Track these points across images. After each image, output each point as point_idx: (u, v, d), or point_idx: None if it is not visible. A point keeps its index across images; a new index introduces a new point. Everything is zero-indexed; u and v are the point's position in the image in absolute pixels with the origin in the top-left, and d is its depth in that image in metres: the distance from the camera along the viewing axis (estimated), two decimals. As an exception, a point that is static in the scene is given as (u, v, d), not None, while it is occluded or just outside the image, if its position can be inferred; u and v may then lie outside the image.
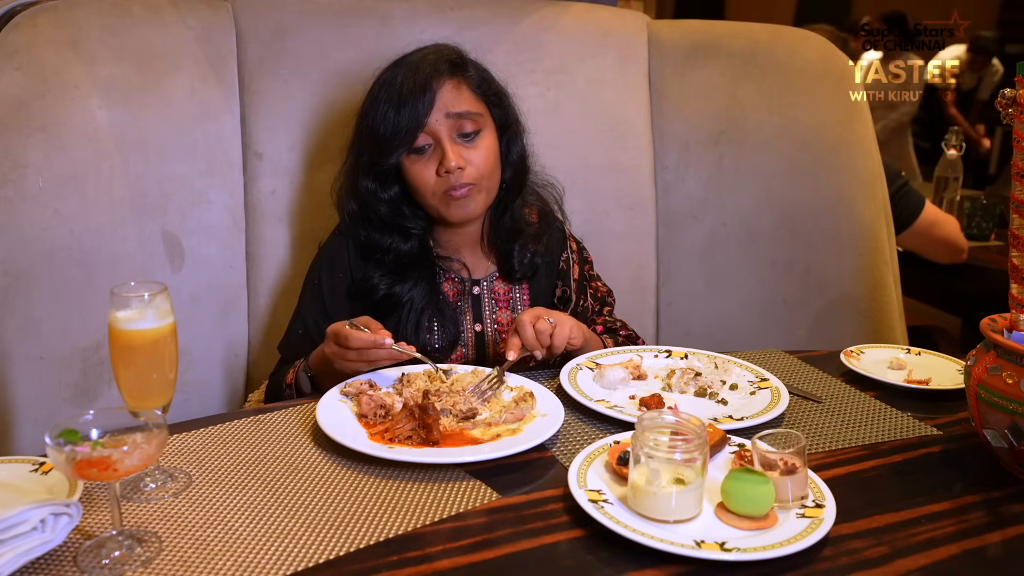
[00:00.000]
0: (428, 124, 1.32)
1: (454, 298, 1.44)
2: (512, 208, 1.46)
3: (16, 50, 1.39)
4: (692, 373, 1.26)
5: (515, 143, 1.45)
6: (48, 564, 0.80)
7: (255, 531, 0.85)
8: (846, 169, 1.82)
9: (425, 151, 1.34)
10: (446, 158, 1.31)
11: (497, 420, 1.11)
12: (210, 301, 1.59)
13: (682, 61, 1.84)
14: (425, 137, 1.33)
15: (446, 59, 1.35)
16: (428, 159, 1.34)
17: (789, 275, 1.83)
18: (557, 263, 1.51)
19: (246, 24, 1.62)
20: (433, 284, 1.41)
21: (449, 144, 1.32)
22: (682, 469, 0.86)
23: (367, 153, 1.36)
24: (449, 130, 1.33)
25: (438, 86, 1.32)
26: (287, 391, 1.33)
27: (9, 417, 1.35)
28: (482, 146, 1.36)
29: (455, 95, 1.33)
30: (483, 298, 1.45)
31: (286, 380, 1.34)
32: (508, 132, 1.43)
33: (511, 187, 1.45)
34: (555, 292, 1.50)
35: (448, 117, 1.32)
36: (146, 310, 0.94)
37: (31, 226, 1.35)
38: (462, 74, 1.36)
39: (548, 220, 1.52)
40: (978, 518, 0.92)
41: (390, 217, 1.39)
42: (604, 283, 1.58)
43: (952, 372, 1.32)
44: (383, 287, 1.38)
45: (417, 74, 1.32)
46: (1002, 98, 0.99)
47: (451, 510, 0.90)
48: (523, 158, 1.47)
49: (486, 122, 1.38)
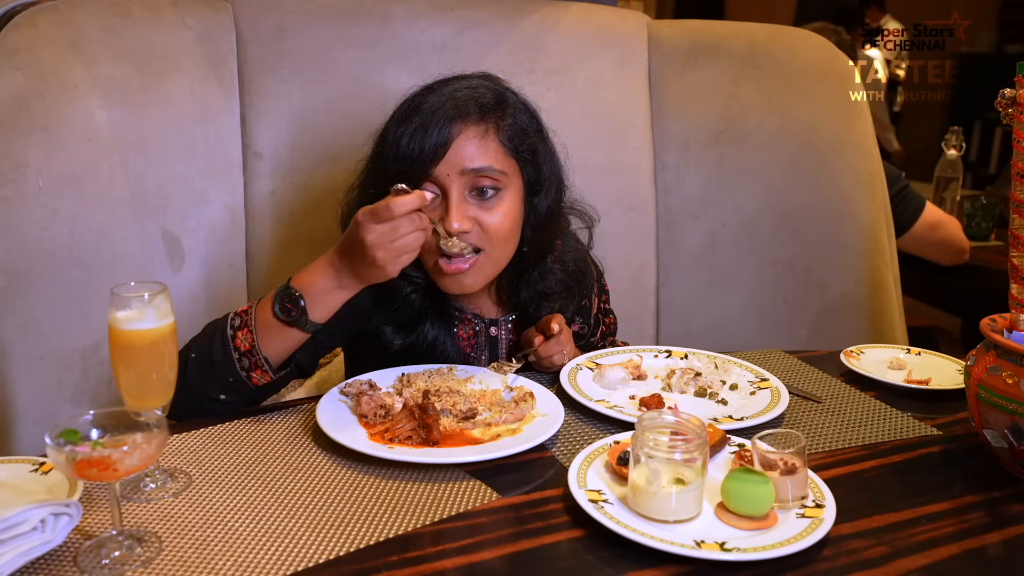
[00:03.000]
0: (436, 176, 1.14)
1: (467, 341, 1.32)
2: (536, 270, 1.28)
3: (16, 50, 1.39)
4: (692, 373, 1.26)
5: (543, 203, 1.24)
6: (48, 564, 0.80)
7: (255, 531, 0.85)
8: (846, 169, 1.82)
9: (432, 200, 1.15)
10: (447, 218, 1.14)
11: (497, 420, 1.11)
12: (210, 301, 1.59)
13: (682, 61, 1.84)
14: (431, 186, 1.15)
15: (478, 100, 1.16)
16: (431, 209, 1.14)
17: (789, 275, 1.83)
18: (580, 301, 1.40)
19: (246, 24, 1.62)
20: (449, 331, 1.28)
21: (456, 202, 1.14)
22: (682, 469, 0.86)
23: (372, 186, 1.20)
24: (461, 186, 1.15)
25: (458, 132, 1.14)
26: (235, 320, 1.12)
27: (9, 417, 1.35)
28: (498, 210, 1.17)
29: (477, 147, 1.15)
30: (500, 339, 1.34)
31: (236, 310, 1.14)
32: (539, 194, 1.24)
33: (529, 251, 1.25)
34: (573, 327, 1.38)
35: (463, 174, 1.14)
36: (146, 310, 0.94)
37: (31, 226, 1.35)
38: (494, 120, 1.17)
39: (581, 272, 1.35)
40: (978, 518, 0.92)
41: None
42: (612, 311, 1.52)
43: (952, 372, 1.32)
44: (397, 341, 1.25)
45: (439, 111, 1.14)
46: (1002, 98, 0.99)
47: (451, 510, 0.90)
48: (553, 217, 1.26)
49: (510, 182, 1.18)
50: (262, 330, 1.11)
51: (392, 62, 1.66)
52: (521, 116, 1.21)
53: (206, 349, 1.12)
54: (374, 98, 1.49)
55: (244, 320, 1.12)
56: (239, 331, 1.12)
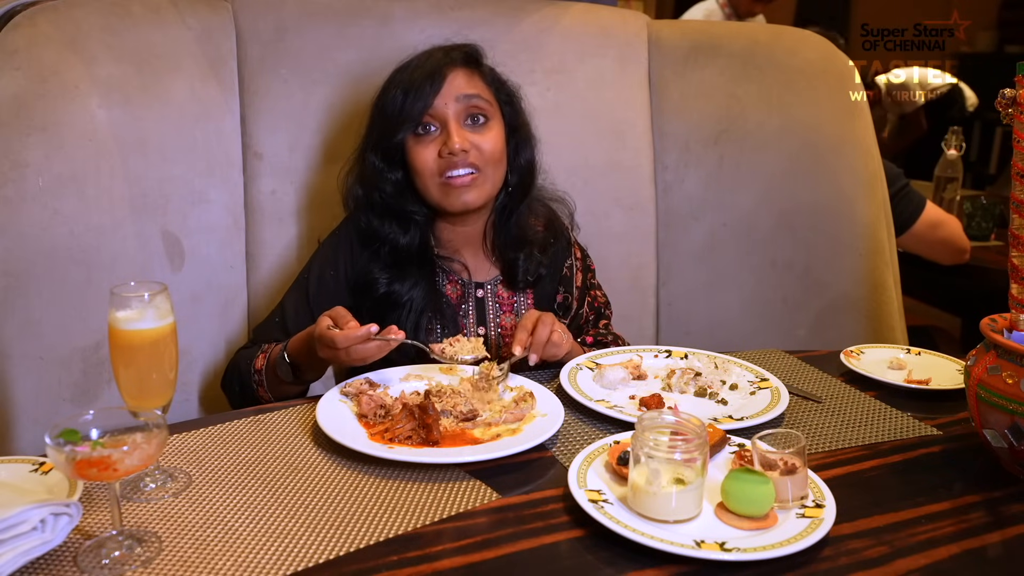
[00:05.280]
0: (435, 106, 1.32)
1: (456, 300, 1.42)
2: (517, 215, 1.44)
3: (16, 50, 1.39)
4: (692, 373, 1.26)
5: (523, 149, 1.43)
6: (48, 564, 0.80)
7: (255, 531, 0.85)
8: (846, 169, 1.82)
9: (431, 133, 1.33)
10: (450, 139, 1.31)
11: (497, 420, 1.11)
12: (210, 301, 1.59)
13: (682, 61, 1.84)
14: (432, 119, 1.33)
15: (462, 51, 1.37)
16: (432, 141, 1.33)
17: (789, 275, 1.83)
18: (561, 269, 1.49)
19: (246, 24, 1.62)
20: (433, 284, 1.39)
21: (455, 126, 1.32)
22: (682, 469, 0.86)
23: (376, 132, 1.37)
24: (457, 113, 1.33)
25: (449, 71, 1.33)
26: (255, 376, 1.33)
27: (9, 417, 1.35)
28: (489, 134, 1.35)
29: (466, 80, 1.34)
30: (487, 301, 1.44)
31: (255, 365, 1.33)
32: (517, 135, 1.42)
33: (516, 192, 1.44)
34: (556, 297, 1.48)
35: (457, 101, 1.32)
36: (146, 310, 0.94)
37: (31, 226, 1.35)
38: (476, 66, 1.38)
39: (555, 230, 1.50)
40: (978, 518, 0.92)
41: (393, 200, 1.38)
42: (604, 293, 1.57)
43: (952, 372, 1.32)
44: (383, 283, 1.37)
45: (430, 59, 1.34)
46: (1002, 98, 0.99)
47: (451, 510, 0.90)
48: (531, 165, 1.45)
49: (495, 113, 1.37)
50: (273, 384, 1.32)
51: (392, 62, 1.65)
52: (496, 71, 1.42)
53: (240, 388, 1.37)
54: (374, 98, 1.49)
55: (260, 379, 1.33)
56: (259, 387, 1.33)
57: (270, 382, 1.32)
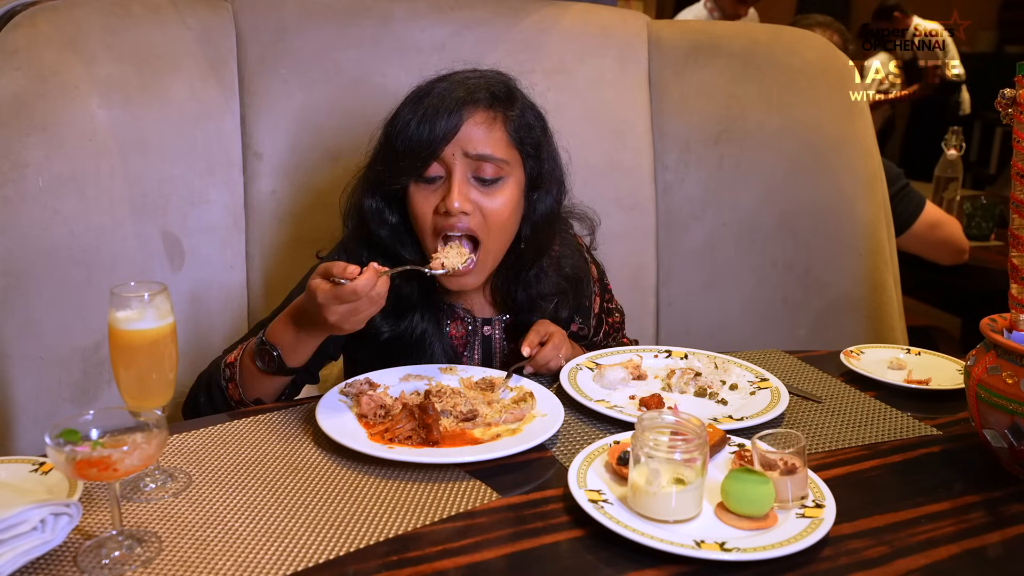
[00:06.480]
0: (443, 156, 1.17)
1: (460, 340, 1.32)
2: (528, 277, 1.29)
3: (16, 50, 1.39)
4: (692, 373, 1.26)
5: (543, 201, 1.26)
6: (48, 564, 0.80)
7: (255, 531, 0.85)
8: (846, 169, 1.82)
9: (435, 182, 1.19)
10: (449, 196, 1.16)
11: (497, 420, 1.11)
12: (210, 301, 1.59)
13: (682, 61, 1.84)
14: (438, 168, 1.18)
15: (488, 88, 1.19)
16: (434, 191, 1.19)
17: (789, 275, 1.83)
18: (581, 303, 1.39)
19: (246, 24, 1.62)
20: (438, 325, 1.29)
21: (459, 182, 1.17)
22: (682, 469, 0.86)
23: (379, 164, 1.23)
24: (465, 168, 1.18)
25: (468, 115, 1.17)
26: (225, 372, 1.20)
27: (9, 417, 1.35)
28: (499, 196, 1.20)
29: (483, 133, 1.18)
30: (493, 339, 1.34)
31: (226, 360, 1.21)
32: (539, 190, 1.26)
33: (528, 247, 1.27)
34: (571, 327, 1.39)
35: (467, 156, 1.17)
36: (146, 310, 0.94)
37: (31, 226, 1.35)
38: (501, 110, 1.20)
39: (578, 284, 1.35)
40: (978, 518, 0.92)
41: (390, 243, 1.25)
42: (619, 308, 1.50)
43: (952, 372, 1.32)
44: (385, 329, 1.25)
45: (449, 95, 1.17)
46: (1002, 98, 0.99)
47: (451, 510, 0.90)
48: (550, 218, 1.27)
49: (512, 172, 1.21)
50: (248, 380, 1.19)
51: (392, 62, 1.66)
52: (528, 113, 1.24)
53: (206, 397, 1.22)
54: (374, 98, 1.50)
55: (231, 373, 1.19)
56: (230, 383, 1.20)
57: (244, 376, 1.18)
